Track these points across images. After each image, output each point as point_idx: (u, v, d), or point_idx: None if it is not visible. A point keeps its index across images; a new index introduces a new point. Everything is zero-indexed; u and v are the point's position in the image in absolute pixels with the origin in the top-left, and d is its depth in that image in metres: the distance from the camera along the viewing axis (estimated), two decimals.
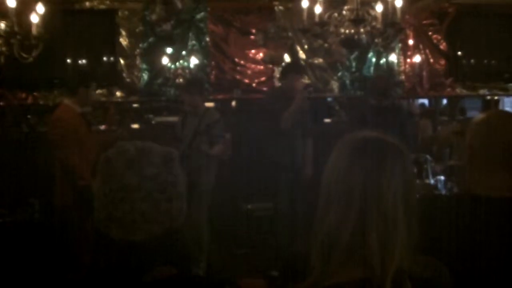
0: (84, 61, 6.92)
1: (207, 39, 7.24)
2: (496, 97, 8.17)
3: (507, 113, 1.93)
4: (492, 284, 1.54)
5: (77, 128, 4.52)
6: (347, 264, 1.19)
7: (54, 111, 4.73)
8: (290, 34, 7.31)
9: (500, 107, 8.12)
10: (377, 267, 1.15)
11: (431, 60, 7.79)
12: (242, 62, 7.34)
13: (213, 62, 7.27)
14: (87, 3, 6.98)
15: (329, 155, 1.28)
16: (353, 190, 1.19)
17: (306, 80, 7.36)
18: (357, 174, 1.20)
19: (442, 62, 7.82)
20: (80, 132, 4.53)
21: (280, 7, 7.32)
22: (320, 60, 7.42)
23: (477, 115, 1.80)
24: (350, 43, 4.66)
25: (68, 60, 6.83)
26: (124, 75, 7.05)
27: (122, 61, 7.07)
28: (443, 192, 4.77)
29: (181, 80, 7.02)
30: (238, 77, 7.34)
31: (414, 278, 1.18)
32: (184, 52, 7.14)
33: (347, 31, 4.51)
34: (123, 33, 7.07)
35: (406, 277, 1.17)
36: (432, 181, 4.96)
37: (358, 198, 1.18)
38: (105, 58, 7.05)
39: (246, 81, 7.34)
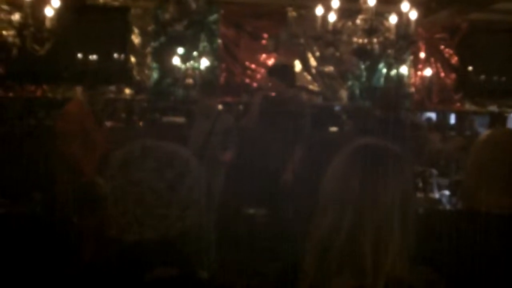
0: (94, 57, 6.93)
1: (219, 41, 7.25)
2: (505, 114, 8.12)
3: None
4: None
5: (84, 124, 4.52)
6: (340, 271, 1.17)
7: (65, 105, 4.74)
8: (302, 40, 7.31)
9: (509, 125, 8.08)
10: (369, 273, 1.13)
11: (442, 74, 7.77)
12: (252, 66, 7.35)
13: (223, 65, 7.29)
14: (101, 0, 7.02)
15: (329, 164, 1.27)
16: (349, 194, 1.17)
17: (314, 87, 7.36)
18: (354, 178, 1.18)
19: (452, 76, 7.80)
20: (87, 129, 4.53)
21: (293, 13, 7.33)
22: (331, 68, 7.41)
23: (483, 132, 1.78)
24: (362, 52, 4.65)
25: (79, 55, 6.84)
26: (134, 73, 7.07)
27: (132, 59, 7.09)
28: (447, 207, 4.73)
29: (190, 80, 7.02)
30: (247, 80, 7.35)
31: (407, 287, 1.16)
32: (195, 53, 7.15)
33: (360, 40, 4.50)
34: (135, 31, 7.10)
35: (401, 286, 1.15)
36: (437, 195, 4.92)
37: (353, 203, 1.16)
38: (116, 55, 7.06)
39: (255, 85, 7.34)
